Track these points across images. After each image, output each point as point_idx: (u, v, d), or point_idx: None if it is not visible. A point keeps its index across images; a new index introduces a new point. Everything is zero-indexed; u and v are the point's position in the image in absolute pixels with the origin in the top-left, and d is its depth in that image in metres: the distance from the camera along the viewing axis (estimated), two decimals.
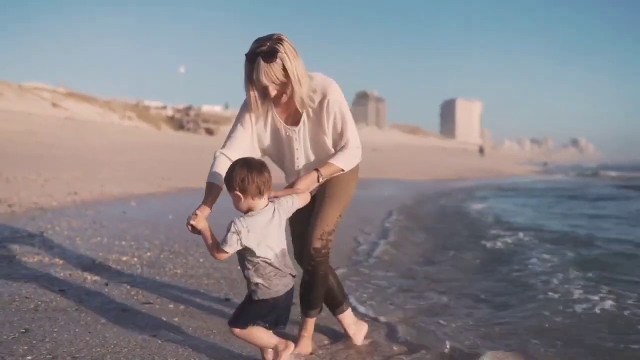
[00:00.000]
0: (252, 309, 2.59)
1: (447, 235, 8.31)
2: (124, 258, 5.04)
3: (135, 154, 21.01)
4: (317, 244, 2.98)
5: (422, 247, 7.19)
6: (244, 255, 2.54)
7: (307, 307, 3.15)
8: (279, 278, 2.57)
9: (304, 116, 2.96)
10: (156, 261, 5.07)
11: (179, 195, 10.74)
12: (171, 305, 3.81)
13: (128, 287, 4.18)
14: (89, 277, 4.35)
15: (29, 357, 2.70)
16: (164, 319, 3.49)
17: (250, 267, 2.54)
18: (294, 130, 2.99)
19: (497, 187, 21.45)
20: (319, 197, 3.09)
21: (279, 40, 2.70)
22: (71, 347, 2.86)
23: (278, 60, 2.68)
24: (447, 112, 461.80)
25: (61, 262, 4.72)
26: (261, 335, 2.64)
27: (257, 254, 2.51)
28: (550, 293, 4.81)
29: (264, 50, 2.67)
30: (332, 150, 3.02)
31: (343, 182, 3.08)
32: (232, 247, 2.48)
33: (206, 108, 70.92)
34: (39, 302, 3.58)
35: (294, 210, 2.73)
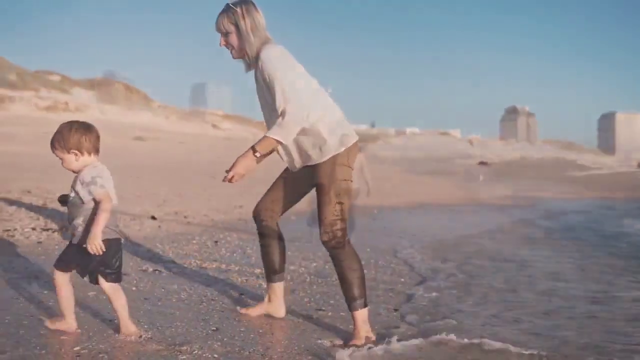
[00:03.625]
0: (69, 251, 2.85)
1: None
2: (292, 267, 5.28)
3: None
4: (324, 237, 3.21)
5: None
6: (76, 203, 2.77)
7: (346, 300, 3.32)
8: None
9: (254, 75, 3.21)
10: (322, 271, 5.26)
11: None
12: (343, 314, 3.91)
13: (300, 294, 4.38)
14: (263, 283, 4.60)
15: (224, 350, 2.94)
16: (339, 325, 3.62)
17: (80, 216, 2.77)
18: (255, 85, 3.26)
19: None
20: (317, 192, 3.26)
21: (243, 1, 3.10)
22: (257, 346, 3.06)
23: (229, 12, 3.07)
24: (606, 126, 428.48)
25: (236, 268, 5.07)
26: (60, 282, 2.85)
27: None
28: None
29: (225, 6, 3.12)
30: (278, 109, 3.11)
31: (326, 172, 3.20)
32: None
33: (352, 127, 72.12)
34: (224, 304, 3.87)
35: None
